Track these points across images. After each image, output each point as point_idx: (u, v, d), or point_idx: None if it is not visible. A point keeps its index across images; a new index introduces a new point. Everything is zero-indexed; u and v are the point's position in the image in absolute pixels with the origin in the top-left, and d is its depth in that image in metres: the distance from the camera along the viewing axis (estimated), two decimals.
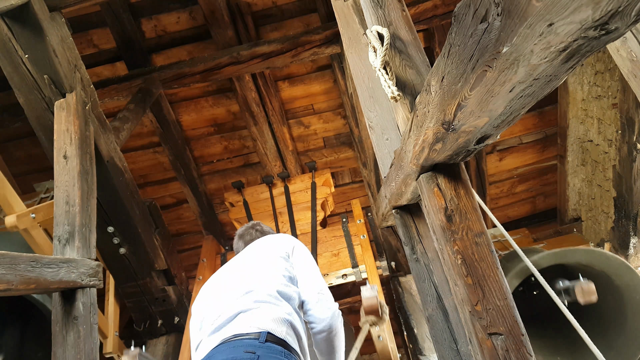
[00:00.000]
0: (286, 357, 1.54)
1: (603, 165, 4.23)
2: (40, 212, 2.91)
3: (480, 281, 1.38)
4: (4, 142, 4.40)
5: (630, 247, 3.63)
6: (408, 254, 1.98)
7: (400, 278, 3.90)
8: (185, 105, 4.44)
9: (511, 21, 0.76)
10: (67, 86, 2.73)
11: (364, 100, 2.14)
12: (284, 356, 1.53)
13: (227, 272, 1.98)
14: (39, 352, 3.21)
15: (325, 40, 3.82)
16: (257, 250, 2.03)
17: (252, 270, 1.86)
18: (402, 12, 1.75)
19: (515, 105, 1.02)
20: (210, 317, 1.74)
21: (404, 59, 1.65)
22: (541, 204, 5.27)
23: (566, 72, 0.88)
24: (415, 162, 1.52)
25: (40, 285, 1.88)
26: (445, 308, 1.82)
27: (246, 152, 4.74)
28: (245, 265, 1.93)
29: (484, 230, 1.46)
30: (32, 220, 2.86)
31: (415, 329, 3.42)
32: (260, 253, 1.98)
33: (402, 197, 1.89)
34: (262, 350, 1.50)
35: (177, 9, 4.03)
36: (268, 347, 1.52)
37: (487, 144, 1.31)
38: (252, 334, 1.56)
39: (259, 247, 2.04)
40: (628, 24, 0.71)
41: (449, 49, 1.01)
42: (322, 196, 4.37)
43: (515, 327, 1.33)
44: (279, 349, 1.54)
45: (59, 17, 2.76)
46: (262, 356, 1.48)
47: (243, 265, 1.95)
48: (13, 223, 2.74)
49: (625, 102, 3.37)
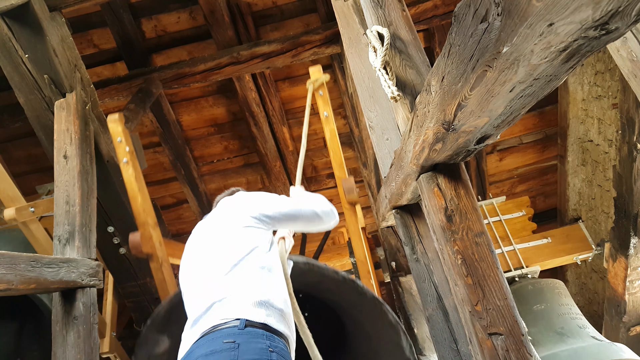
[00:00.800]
0: (269, 339, 1.47)
1: (603, 165, 4.23)
2: (39, 206, 2.91)
3: (480, 281, 1.38)
4: (4, 142, 4.40)
5: (630, 247, 3.62)
6: (408, 254, 1.98)
7: (401, 278, 3.90)
8: (186, 105, 4.44)
9: (511, 21, 0.76)
10: (67, 86, 2.73)
11: (364, 100, 2.14)
12: (267, 339, 1.47)
13: (198, 247, 1.85)
14: (34, 350, 3.21)
15: (325, 40, 3.82)
16: (219, 220, 1.87)
17: (217, 248, 1.74)
18: (402, 12, 1.75)
19: (515, 105, 1.02)
20: (188, 308, 1.69)
21: (404, 59, 1.65)
22: (541, 204, 5.27)
23: (566, 72, 0.88)
24: (416, 162, 1.52)
25: (40, 285, 1.88)
26: (446, 308, 1.82)
27: (246, 152, 4.74)
28: (211, 241, 1.80)
29: (484, 230, 1.46)
30: (31, 214, 2.86)
31: (415, 329, 3.43)
32: (222, 223, 1.85)
33: (402, 197, 1.89)
34: (243, 337, 1.44)
35: (177, 9, 4.03)
36: (248, 332, 1.46)
37: (487, 144, 1.31)
38: (230, 323, 1.49)
39: (220, 217, 1.89)
40: (628, 23, 0.71)
41: (449, 49, 1.01)
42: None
43: (515, 327, 1.33)
44: (260, 333, 1.47)
45: (59, 17, 2.76)
46: (243, 343, 1.42)
47: (210, 241, 1.81)
48: (12, 216, 2.75)
49: (625, 102, 3.37)
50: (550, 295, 3.48)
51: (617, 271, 3.85)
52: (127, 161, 2.86)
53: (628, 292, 3.74)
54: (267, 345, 1.45)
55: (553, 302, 3.41)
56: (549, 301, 3.42)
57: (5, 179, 2.81)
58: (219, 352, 1.39)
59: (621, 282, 3.82)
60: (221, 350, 1.39)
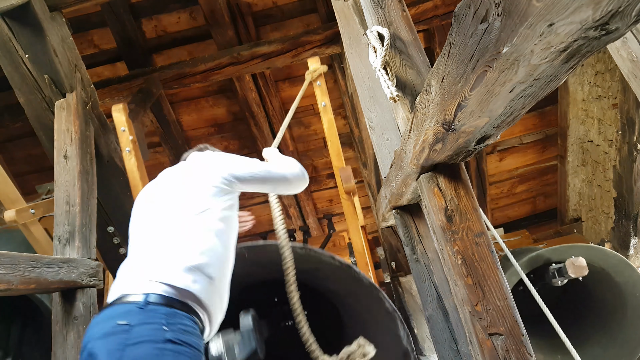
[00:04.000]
0: (168, 316, 1.36)
1: (603, 165, 4.23)
2: (39, 208, 2.92)
3: (481, 281, 1.38)
4: (4, 142, 4.41)
5: (630, 247, 3.63)
6: (408, 254, 1.98)
7: (401, 278, 3.90)
8: (186, 106, 4.45)
9: (511, 21, 0.76)
10: (68, 86, 2.74)
11: (364, 100, 2.14)
12: (166, 316, 1.36)
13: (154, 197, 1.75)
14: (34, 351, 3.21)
15: (325, 41, 3.82)
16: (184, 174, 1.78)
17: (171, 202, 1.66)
18: (402, 12, 1.75)
19: (515, 106, 1.02)
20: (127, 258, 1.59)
21: (404, 59, 1.65)
22: (541, 204, 5.27)
23: (566, 73, 0.88)
24: (416, 163, 1.52)
25: (40, 285, 1.88)
26: (446, 308, 1.82)
27: (246, 152, 4.74)
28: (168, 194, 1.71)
29: (484, 231, 1.46)
30: (32, 216, 2.87)
31: (415, 329, 3.43)
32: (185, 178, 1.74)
33: (402, 198, 1.89)
34: (138, 317, 1.34)
35: (178, 9, 4.03)
36: (147, 311, 1.36)
37: (487, 144, 1.31)
38: (132, 297, 1.39)
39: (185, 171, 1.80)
40: (628, 24, 0.71)
41: (449, 49, 1.01)
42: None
43: (515, 327, 1.33)
44: (161, 311, 1.37)
45: (59, 17, 2.76)
46: (137, 325, 1.32)
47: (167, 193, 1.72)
48: (12, 217, 2.75)
49: (625, 103, 3.37)
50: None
51: None
52: (129, 150, 2.90)
53: None
54: (163, 323, 1.35)
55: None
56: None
57: (5, 179, 2.81)
58: (111, 336, 1.33)
59: None
60: (113, 333, 1.33)
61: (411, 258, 1.96)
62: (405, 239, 1.99)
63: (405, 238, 2.00)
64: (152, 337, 1.32)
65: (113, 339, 1.31)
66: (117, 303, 1.42)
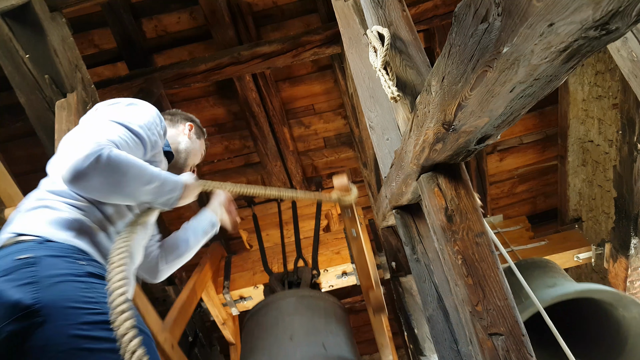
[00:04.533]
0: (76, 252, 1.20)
1: (604, 165, 4.23)
2: None
3: (481, 281, 1.38)
4: (4, 142, 4.41)
5: (630, 247, 3.62)
6: (408, 254, 1.98)
7: (401, 278, 3.90)
8: (186, 105, 4.44)
9: (511, 21, 0.76)
10: (68, 86, 2.74)
11: (365, 100, 2.14)
12: (74, 252, 1.19)
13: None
14: None
15: (325, 41, 3.82)
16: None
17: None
18: (402, 12, 1.75)
19: (515, 106, 1.02)
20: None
21: (404, 59, 1.65)
22: (542, 204, 5.27)
23: (567, 72, 0.88)
24: (416, 162, 1.52)
25: None
26: (446, 308, 1.82)
27: (247, 152, 4.75)
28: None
29: (485, 231, 1.46)
30: None
31: (415, 330, 3.42)
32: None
33: (403, 197, 1.89)
34: (42, 250, 1.14)
35: (178, 9, 4.04)
36: (50, 246, 1.17)
37: (487, 144, 1.31)
38: (24, 237, 1.19)
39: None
40: (629, 24, 0.71)
41: (450, 49, 1.01)
42: (326, 208, 4.42)
43: (515, 327, 1.33)
44: (65, 246, 1.19)
45: (59, 17, 2.77)
46: (44, 257, 1.12)
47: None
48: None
49: (625, 103, 3.37)
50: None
51: (618, 272, 3.86)
52: None
53: (628, 293, 3.74)
54: (76, 258, 1.18)
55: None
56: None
57: (6, 178, 2.81)
58: (13, 272, 1.08)
59: (622, 282, 3.83)
60: (15, 269, 1.08)
61: (411, 258, 1.96)
62: (406, 238, 1.99)
63: (405, 238, 2.00)
64: (70, 269, 1.13)
65: (17, 275, 1.07)
66: (6, 245, 1.19)
